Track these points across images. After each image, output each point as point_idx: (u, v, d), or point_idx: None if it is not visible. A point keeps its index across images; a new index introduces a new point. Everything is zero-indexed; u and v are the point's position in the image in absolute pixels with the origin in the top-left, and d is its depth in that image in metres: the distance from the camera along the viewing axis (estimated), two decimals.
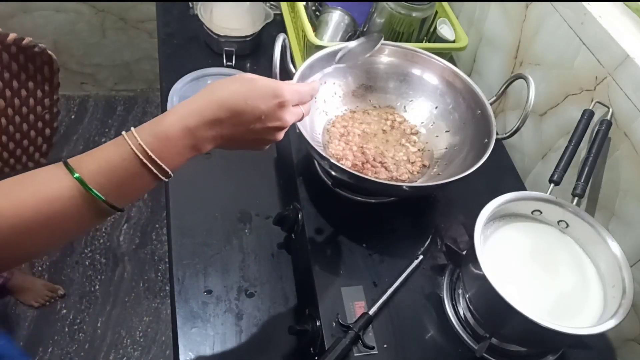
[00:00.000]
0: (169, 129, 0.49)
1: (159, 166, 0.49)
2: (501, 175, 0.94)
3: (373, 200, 0.81)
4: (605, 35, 0.77)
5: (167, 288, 1.52)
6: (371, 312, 0.67)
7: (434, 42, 1.04)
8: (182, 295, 0.75)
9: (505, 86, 0.84)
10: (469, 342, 0.69)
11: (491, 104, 0.81)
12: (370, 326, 0.67)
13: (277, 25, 1.15)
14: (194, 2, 1.16)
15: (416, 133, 0.88)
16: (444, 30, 1.02)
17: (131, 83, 2.10)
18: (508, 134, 0.79)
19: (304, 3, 1.02)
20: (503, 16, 1.02)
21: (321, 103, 0.86)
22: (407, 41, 1.01)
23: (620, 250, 0.67)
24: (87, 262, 1.67)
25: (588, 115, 0.79)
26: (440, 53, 0.90)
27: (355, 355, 0.64)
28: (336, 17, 1.03)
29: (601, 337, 0.77)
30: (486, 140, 0.77)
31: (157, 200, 1.83)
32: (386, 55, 0.88)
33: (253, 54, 1.12)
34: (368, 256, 0.74)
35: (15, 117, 1.14)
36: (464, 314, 0.71)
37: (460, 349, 0.69)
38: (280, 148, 0.91)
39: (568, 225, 0.72)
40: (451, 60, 1.08)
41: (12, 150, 1.19)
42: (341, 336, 0.64)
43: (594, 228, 0.69)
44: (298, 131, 0.71)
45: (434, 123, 0.88)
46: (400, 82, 0.90)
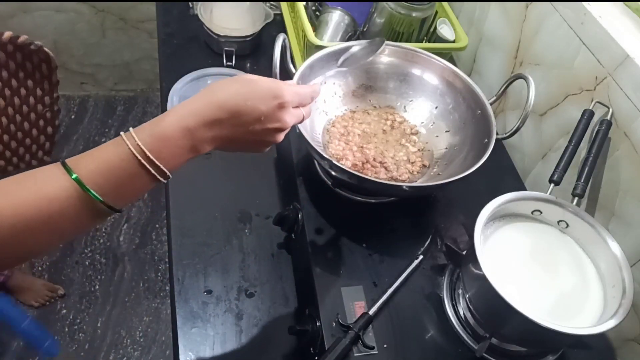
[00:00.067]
0: (168, 130, 0.49)
1: (157, 167, 0.49)
2: (501, 175, 0.94)
3: (373, 200, 0.81)
4: (605, 35, 0.77)
5: (167, 288, 1.52)
6: (371, 312, 0.67)
7: (434, 42, 1.04)
8: (182, 295, 0.75)
9: (505, 86, 0.84)
10: (469, 342, 0.69)
11: (491, 104, 0.81)
12: (370, 326, 0.67)
13: (277, 25, 1.15)
14: (194, 2, 1.16)
15: (416, 133, 0.88)
16: (444, 30, 1.02)
17: (131, 83, 2.10)
18: (508, 134, 0.79)
19: (304, 3, 1.02)
20: (503, 16, 1.02)
21: (321, 103, 0.86)
22: (407, 41, 1.01)
23: (620, 250, 0.67)
24: (87, 262, 1.67)
25: (588, 115, 0.79)
26: (440, 53, 0.90)
27: (355, 355, 0.64)
28: (336, 17, 1.03)
29: (601, 337, 0.77)
30: (486, 140, 0.77)
31: (157, 200, 1.83)
32: (386, 55, 0.88)
33: (253, 54, 1.12)
34: (368, 256, 0.74)
35: (16, 116, 1.14)
36: (464, 314, 0.71)
37: (460, 349, 0.69)
38: (280, 148, 0.91)
39: (568, 225, 0.72)
40: (451, 60, 1.08)
41: (15, 148, 1.19)
42: (341, 336, 0.64)
43: (594, 228, 0.69)
44: (298, 131, 0.71)
45: (434, 123, 0.88)
46: (400, 82, 0.90)
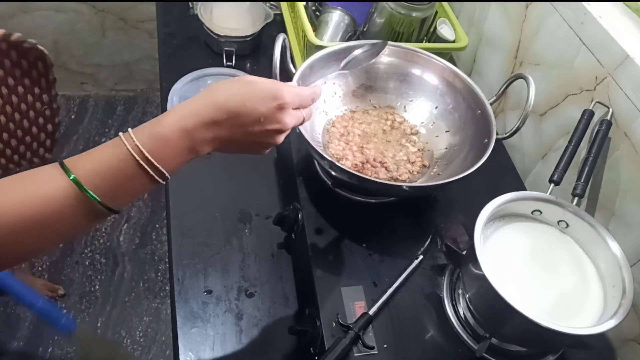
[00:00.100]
0: (167, 130, 0.49)
1: (156, 168, 0.49)
2: (501, 175, 0.94)
3: (373, 200, 0.81)
4: (605, 35, 0.77)
5: (167, 288, 1.52)
6: (371, 312, 0.67)
7: (434, 42, 1.04)
8: (182, 295, 0.75)
9: (505, 86, 0.84)
10: (469, 342, 0.69)
11: (491, 104, 0.81)
12: (370, 326, 0.67)
13: (277, 25, 1.15)
14: (194, 2, 1.16)
15: (416, 133, 0.88)
16: (444, 30, 1.02)
17: (131, 83, 2.10)
18: (508, 134, 0.79)
19: (304, 3, 1.02)
20: (503, 16, 1.02)
21: (321, 103, 0.86)
22: (407, 41, 1.01)
23: (620, 250, 0.67)
24: (87, 262, 1.67)
25: (588, 115, 0.79)
26: (440, 53, 0.90)
27: (355, 355, 0.64)
28: (336, 17, 1.03)
29: (601, 337, 0.77)
30: (486, 140, 0.77)
31: (157, 200, 1.83)
32: (386, 55, 0.88)
33: (253, 54, 1.12)
34: (368, 256, 0.74)
35: (14, 114, 1.14)
36: (464, 314, 0.71)
37: (460, 349, 0.69)
38: (280, 148, 0.91)
39: (568, 225, 0.72)
40: (451, 60, 1.08)
41: (15, 147, 1.19)
42: (341, 336, 0.64)
43: (594, 228, 0.69)
44: (298, 131, 0.71)
45: (434, 123, 0.88)
46: (400, 82, 0.90)
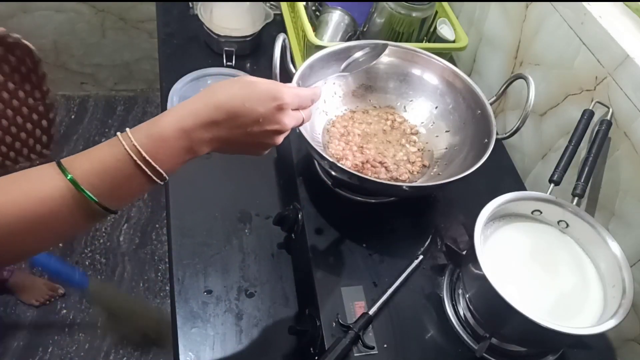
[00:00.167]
0: (165, 130, 0.49)
1: (153, 168, 0.48)
2: (501, 175, 0.94)
3: (373, 200, 0.81)
4: (605, 35, 0.77)
5: (167, 288, 1.52)
6: (371, 312, 0.67)
7: (434, 42, 1.04)
8: (182, 295, 0.75)
9: (505, 86, 0.84)
10: (469, 342, 0.69)
11: (491, 104, 0.81)
12: (370, 326, 0.67)
13: (277, 25, 1.15)
14: (194, 2, 1.16)
15: (416, 133, 0.88)
16: (444, 30, 1.02)
17: (131, 83, 2.10)
18: (508, 134, 0.79)
19: (304, 3, 1.02)
20: (503, 16, 1.02)
21: (321, 103, 0.86)
22: (407, 41, 1.01)
23: (620, 250, 0.67)
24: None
25: (588, 115, 0.79)
26: (440, 53, 0.90)
27: (355, 355, 0.64)
28: (336, 17, 1.03)
29: (601, 337, 0.77)
30: (486, 140, 0.77)
31: (157, 200, 1.83)
32: (386, 55, 0.87)
33: (253, 54, 1.12)
34: (368, 256, 0.74)
35: (6, 111, 1.13)
36: (464, 314, 0.71)
37: (460, 349, 0.69)
38: (280, 148, 0.91)
39: (568, 225, 0.72)
40: (451, 60, 1.08)
41: (10, 143, 1.19)
42: (341, 336, 0.64)
43: (594, 228, 0.69)
44: (298, 131, 0.71)
45: (434, 123, 0.88)
46: (400, 82, 0.90)
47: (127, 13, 1.85)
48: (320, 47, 0.84)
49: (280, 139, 0.57)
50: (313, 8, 1.09)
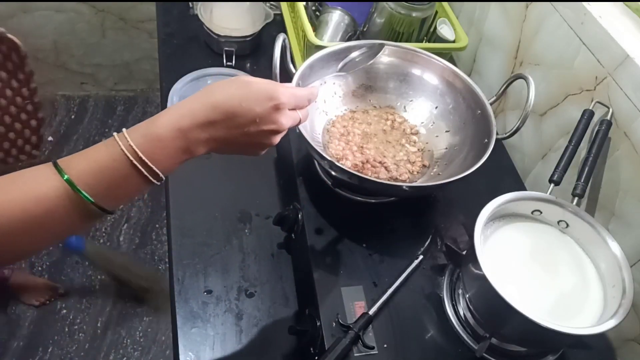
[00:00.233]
0: (161, 130, 0.49)
1: (150, 168, 0.48)
2: (501, 175, 0.94)
3: (373, 200, 0.81)
4: (605, 35, 0.77)
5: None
6: (371, 312, 0.67)
7: (434, 42, 1.04)
8: (182, 295, 0.75)
9: (505, 86, 0.84)
10: (469, 342, 0.69)
11: (491, 104, 0.81)
12: (370, 326, 0.67)
13: (277, 25, 1.15)
14: (194, 2, 1.16)
15: (416, 133, 0.88)
16: (444, 30, 1.02)
17: (131, 83, 2.10)
18: (508, 134, 0.79)
19: (304, 3, 1.02)
20: (503, 16, 1.02)
21: (321, 103, 0.86)
22: (407, 41, 1.01)
23: (620, 250, 0.67)
24: (87, 262, 1.67)
25: (588, 115, 0.79)
26: (440, 53, 0.90)
27: (355, 355, 0.64)
28: (336, 17, 1.03)
29: (601, 337, 0.77)
30: (486, 140, 0.77)
31: (157, 200, 1.83)
32: (386, 55, 0.88)
33: (253, 54, 1.12)
34: (368, 256, 0.74)
35: None
36: (464, 314, 0.71)
37: (460, 349, 0.69)
38: (280, 148, 0.91)
39: (568, 225, 0.72)
40: (451, 60, 1.08)
41: None
42: (341, 336, 0.64)
43: (594, 228, 0.69)
44: (298, 131, 0.71)
45: (434, 123, 0.88)
46: (400, 82, 0.90)
47: (127, 13, 1.85)
48: (320, 47, 0.84)
49: (277, 139, 0.57)
50: (313, 8, 1.09)
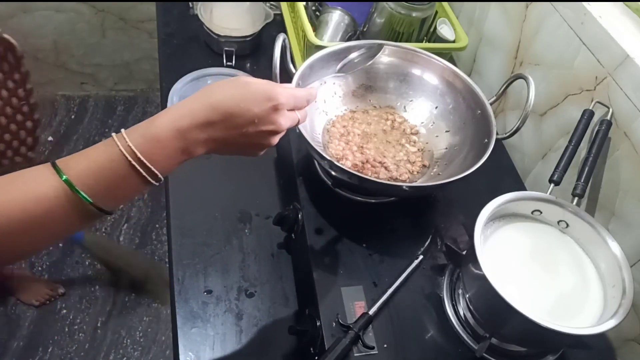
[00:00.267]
0: (160, 131, 0.49)
1: (148, 168, 0.48)
2: (501, 175, 0.94)
3: (373, 200, 0.81)
4: (605, 35, 0.77)
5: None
6: (371, 312, 0.67)
7: (434, 42, 1.04)
8: (182, 295, 0.75)
9: (505, 86, 0.84)
10: (469, 342, 0.69)
11: (491, 104, 0.81)
12: (370, 326, 0.67)
13: (277, 25, 1.15)
14: (194, 2, 1.16)
15: (416, 133, 0.88)
16: (444, 30, 1.02)
17: (131, 83, 2.10)
18: (508, 134, 0.79)
19: (304, 3, 1.02)
20: (503, 16, 1.02)
21: (321, 103, 0.86)
22: (407, 41, 1.01)
23: (620, 250, 0.67)
24: (87, 262, 1.67)
25: (588, 115, 0.79)
26: (440, 53, 0.90)
27: (355, 355, 0.64)
28: (336, 17, 1.03)
29: (601, 337, 0.77)
30: (486, 140, 0.77)
31: (157, 200, 1.83)
32: (386, 55, 0.88)
33: (253, 54, 1.12)
34: (368, 256, 0.74)
35: None
36: (464, 314, 0.71)
37: (460, 349, 0.69)
38: (280, 148, 0.91)
39: (568, 225, 0.72)
40: (451, 60, 1.08)
41: None
42: (341, 336, 0.64)
43: (594, 228, 0.69)
44: (298, 131, 0.71)
45: (434, 123, 0.88)
46: (400, 82, 0.90)
47: (127, 13, 1.85)
48: (320, 47, 0.84)
49: (275, 140, 0.57)
50: (313, 8, 1.09)
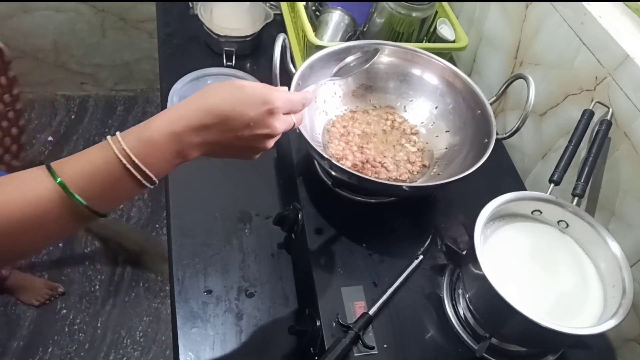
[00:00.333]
0: (155, 134, 0.49)
1: (143, 171, 0.48)
2: (501, 175, 0.94)
3: (373, 200, 0.81)
4: (605, 35, 0.77)
5: (167, 288, 1.52)
6: (371, 312, 0.67)
7: (434, 42, 1.04)
8: (182, 295, 0.75)
9: (505, 86, 0.84)
10: (469, 342, 0.69)
11: (491, 104, 0.81)
12: (370, 326, 0.67)
13: (277, 25, 1.15)
14: (194, 2, 1.16)
15: (416, 133, 0.88)
16: (444, 30, 1.02)
17: (131, 83, 2.10)
18: (508, 134, 0.79)
19: (304, 3, 1.02)
20: (503, 16, 1.02)
21: (321, 103, 0.86)
22: (407, 41, 1.01)
23: (620, 250, 0.67)
24: (87, 262, 1.67)
25: (588, 115, 0.79)
26: (440, 53, 0.90)
27: (355, 355, 0.64)
28: (336, 17, 1.03)
29: (601, 337, 0.77)
30: (486, 140, 0.77)
31: (157, 200, 1.83)
32: (386, 55, 0.88)
33: (253, 54, 1.12)
34: (368, 256, 0.74)
35: None
36: (464, 314, 0.71)
37: (460, 349, 0.69)
38: (280, 148, 0.91)
39: (568, 225, 0.72)
40: (451, 60, 1.08)
41: None
42: (341, 336, 0.64)
43: (594, 228, 0.69)
44: (298, 131, 0.71)
45: (434, 123, 0.88)
46: (400, 82, 0.90)
47: (127, 13, 1.85)
48: (320, 47, 0.84)
49: (271, 143, 0.57)
50: (313, 8, 1.09)
